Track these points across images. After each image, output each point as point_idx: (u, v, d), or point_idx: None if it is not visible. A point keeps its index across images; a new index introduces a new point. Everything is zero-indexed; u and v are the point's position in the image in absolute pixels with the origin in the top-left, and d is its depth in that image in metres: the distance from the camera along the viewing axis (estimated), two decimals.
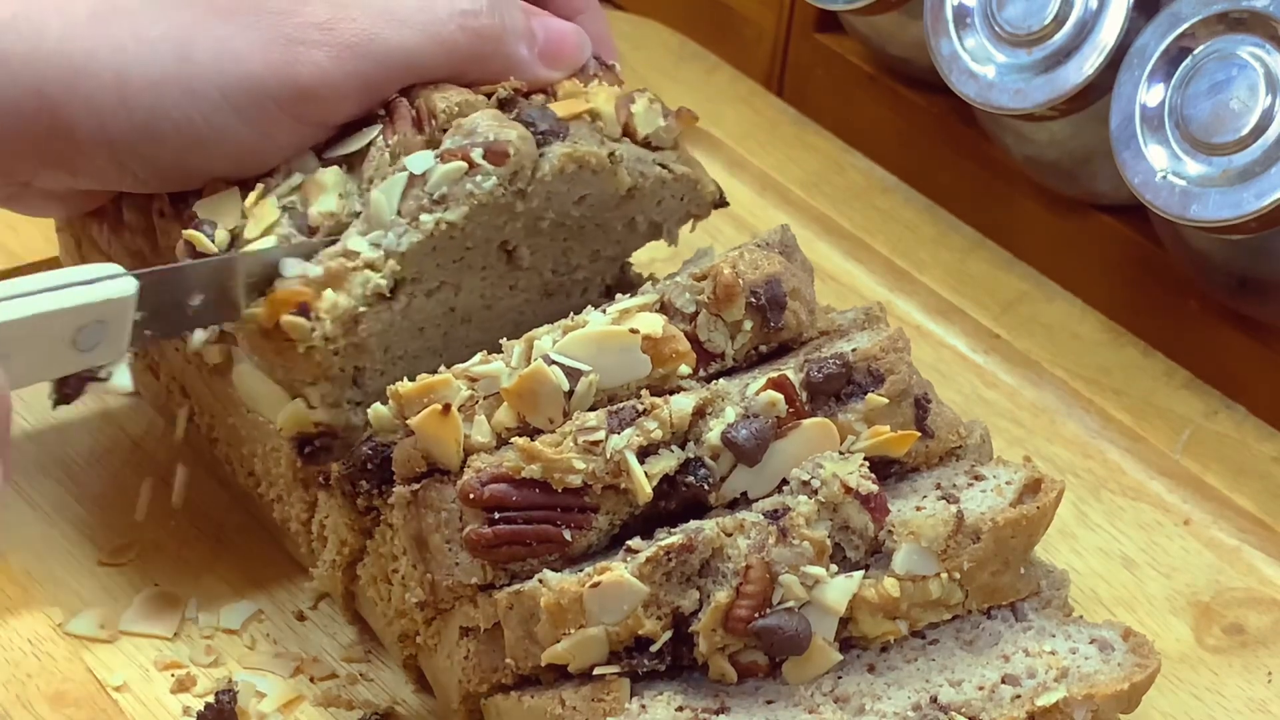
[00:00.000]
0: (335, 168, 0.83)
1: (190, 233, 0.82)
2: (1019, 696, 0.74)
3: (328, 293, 0.80)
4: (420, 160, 0.82)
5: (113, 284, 0.76)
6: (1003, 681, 0.75)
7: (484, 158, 0.82)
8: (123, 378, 0.78)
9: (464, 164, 0.81)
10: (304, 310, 0.80)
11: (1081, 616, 0.80)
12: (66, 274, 0.75)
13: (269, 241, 0.82)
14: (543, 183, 0.83)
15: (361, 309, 0.81)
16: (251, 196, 0.82)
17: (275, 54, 0.80)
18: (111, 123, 0.80)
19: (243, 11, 0.80)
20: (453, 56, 0.84)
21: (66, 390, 0.78)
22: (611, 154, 0.85)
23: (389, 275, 0.81)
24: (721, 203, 0.90)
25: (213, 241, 0.81)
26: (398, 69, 0.83)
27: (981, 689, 0.74)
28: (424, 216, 0.81)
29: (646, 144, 0.87)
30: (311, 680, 0.84)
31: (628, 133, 0.86)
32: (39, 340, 0.73)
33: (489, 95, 0.84)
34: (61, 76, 0.79)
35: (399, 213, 0.81)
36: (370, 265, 0.81)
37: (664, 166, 0.87)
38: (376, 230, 0.81)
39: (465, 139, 0.82)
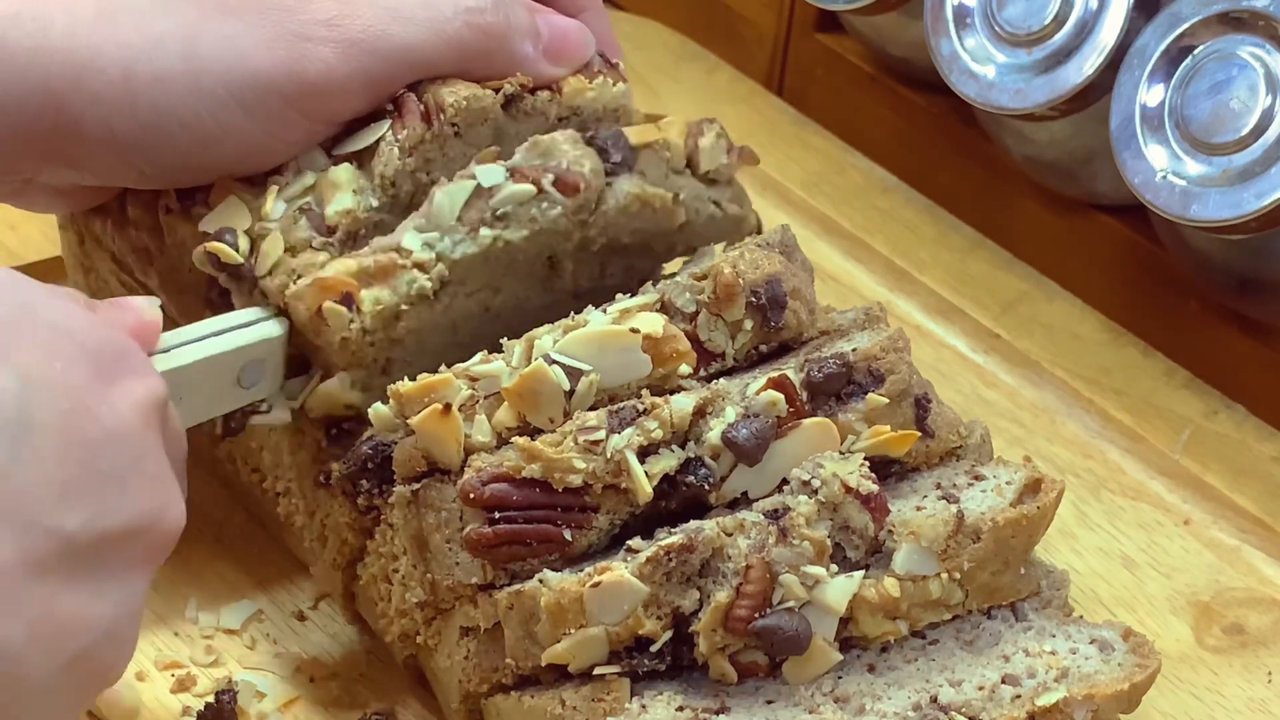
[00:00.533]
0: (347, 165, 0.83)
1: (214, 245, 0.81)
2: (1019, 696, 0.74)
3: (372, 288, 0.80)
4: (490, 174, 0.82)
5: (263, 326, 0.81)
6: (1003, 681, 0.75)
7: (554, 185, 0.82)
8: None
9: (533, 188, 0.82)
10: (347, 300, 0.80)
11: (1081, 616, 0.80)
12: (227, 319, 0.80)
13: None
14: (605, 215, 0.83)
15: (404, 307, 0.81)
16: (266, 201, 0.82)
17: (281, 50, 0.80)
18: (117, 119, 0.80)
19: (249, 8, 0.80)
20: (458, 53, 0.84)
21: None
22: (675, 195, 0.85)
23: (436, 279, 0.81)
24: (757, 233, 0.91)
25: (236, 250, 0.82)
26: (404, 65, 0.83)
27: (981, 689, 0.74)
28: (484, 230, 0.81)
29: (705, 177, 0.88)
30: (311, 680, 0.84)
31: (690, 164, 0.87)
32: (207, 382, 0.78)
33: (495, 90, 0.84)
34: (67, 72, 0.79)
35: (459, 219, 0.81)
36: (419, 265, 0.81)
37: (717, 204, 0.88)
38: (433, 231, 0.81)
39: (539, 159, 0.82)
